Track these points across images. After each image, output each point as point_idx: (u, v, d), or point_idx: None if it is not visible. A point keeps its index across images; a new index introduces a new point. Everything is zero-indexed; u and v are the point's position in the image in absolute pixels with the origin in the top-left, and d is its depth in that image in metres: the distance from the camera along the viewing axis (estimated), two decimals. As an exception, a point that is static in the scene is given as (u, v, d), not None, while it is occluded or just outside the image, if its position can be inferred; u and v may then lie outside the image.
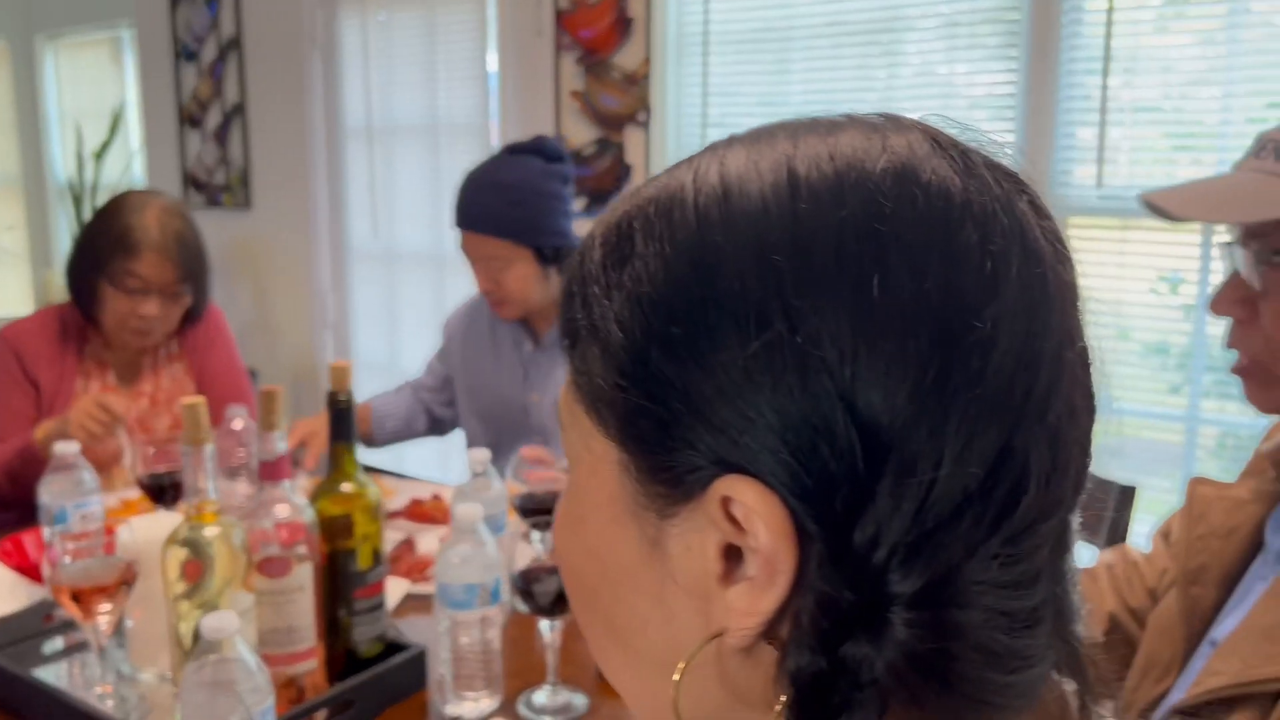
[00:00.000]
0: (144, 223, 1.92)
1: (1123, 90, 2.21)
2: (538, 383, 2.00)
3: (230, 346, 2.18)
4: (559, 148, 1.93)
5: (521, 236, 1.85)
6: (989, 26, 2.33)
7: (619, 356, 0.40)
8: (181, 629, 1.03)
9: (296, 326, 3.73)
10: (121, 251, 1.90)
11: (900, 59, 2.45)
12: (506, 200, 1.84)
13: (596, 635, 0.47)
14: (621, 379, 0.40)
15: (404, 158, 3.35)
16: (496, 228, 1.85)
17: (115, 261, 1.90)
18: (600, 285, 0.41)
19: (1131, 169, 2.26)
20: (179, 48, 3.88)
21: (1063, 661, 0.42)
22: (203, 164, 3.90)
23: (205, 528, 1.04)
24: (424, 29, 3.19)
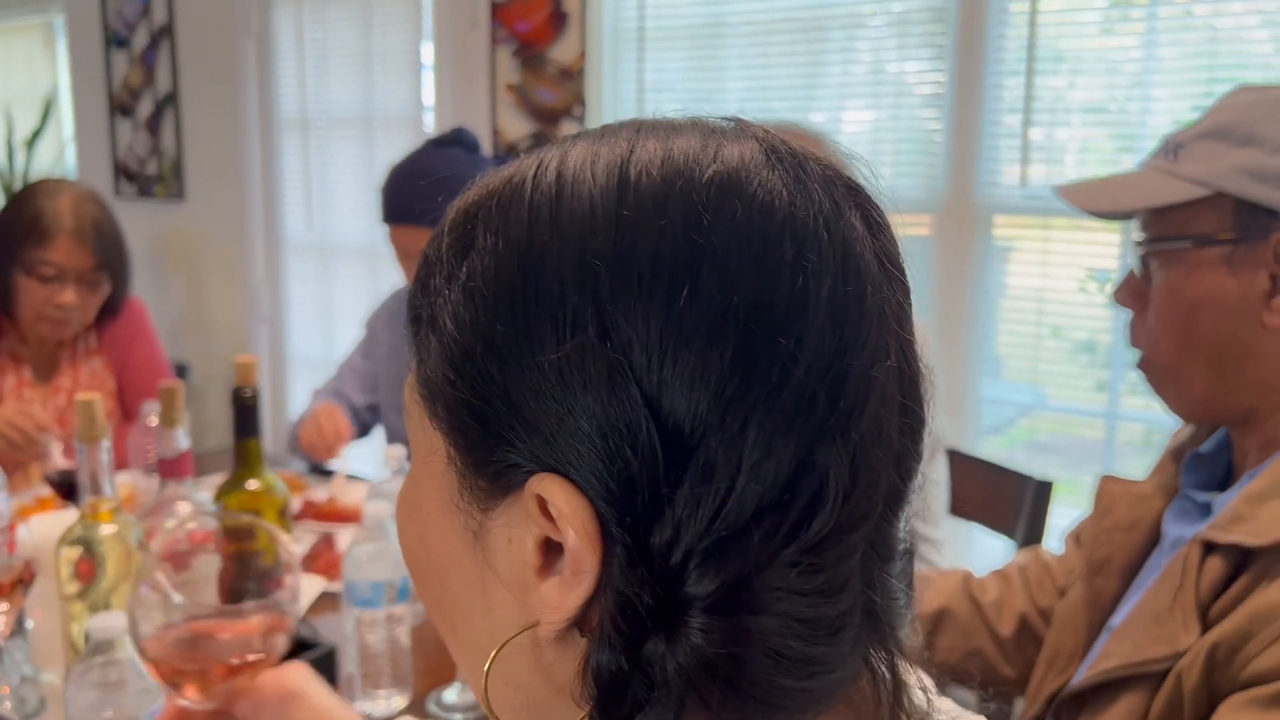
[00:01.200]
0: (57, 208, 1.88)
1: (1050, 89, 2.25)
2: None
3: (152, 340, 2.14)
4: (475, 138, 1.94)
5: None
6: (921, 26, 2.36)
7: (450, 349, 0.40)
8: (74, 629, 1.01)
9: (230, 320, 3.67)
10: (34, 238, 1.86)
11: (835, 55, 2.47)
12: (438, 191, 1.81)
13: (434, 618, 0.47)
14: (450, 373, 0.40)
15: (338, 149, 3.31)
16: (432, 219, 1.82)
17: (28, 249, 1.86)
18: (443, 275, 0.42)
19: (1056, 168, 2.30)
20: (110, 34, 3.80)
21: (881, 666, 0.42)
22: (134, 154, 3.82)
23: (100, 526, 1.02)
24: (359, 19, 3.15)
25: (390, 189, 1.88)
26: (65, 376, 2.01)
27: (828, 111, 2.52)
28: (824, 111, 2.53)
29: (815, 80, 2.51)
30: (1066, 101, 2.26)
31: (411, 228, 1.86)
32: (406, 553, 0.47)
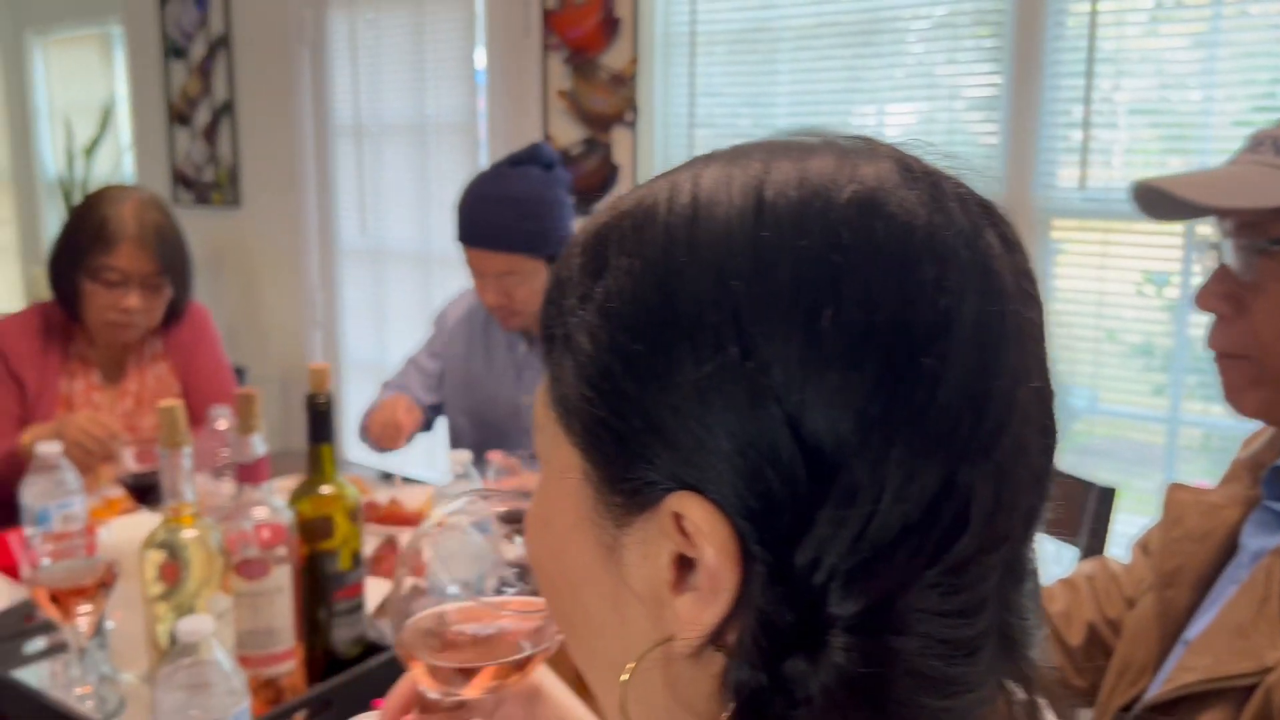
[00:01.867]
0: (120, 215, 1.92)
1: (1108, 92, 2.22)
2: (530, 385, 2.01)
3: (215, 346, 2.18)
4: (553, 154, 1.94)
5: (535, 249, 1.85)
6: (976, 28, 2.33)
7: (587, 368, 0.41)
8: (159, 631, 1.04)
9: (285, 325, 3.73)
10: (99, 245, 1.90)
11: (887, 59, 2.46)
12: (516, 214, 1.84)
13: (565, 633, 0.48)
14: (587, 390, 0.41)
15: (392, 156, 3.35)
16: (510, 243, 1.84)
17: (93, 256, 1.90)
18: (576, 295, 0.42)
19: (1115, 171, 2.27)
20: (168, 44, 3.88)
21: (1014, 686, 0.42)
22: (191, 161, 3.89)
23: (182, 530, 1.04)
24: (412, 27, 3.19)
25: (464, 210, 1.89)
26: (132, 380, 2.05)
27: (877, 115, 2.51)
28: (873, 115, 2.52)
29: (865, 83, 2.50)
30: (1124, 103, 2.22)
31: (485, 251, 1.87)
32: (538, 569, 0.48)
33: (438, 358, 2.14)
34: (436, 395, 2.13)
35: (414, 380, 2.15)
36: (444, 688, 0.60)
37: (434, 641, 0.60)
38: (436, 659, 0.59)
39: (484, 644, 0.60)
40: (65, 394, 1.98)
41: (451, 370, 2.11)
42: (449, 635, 0.60)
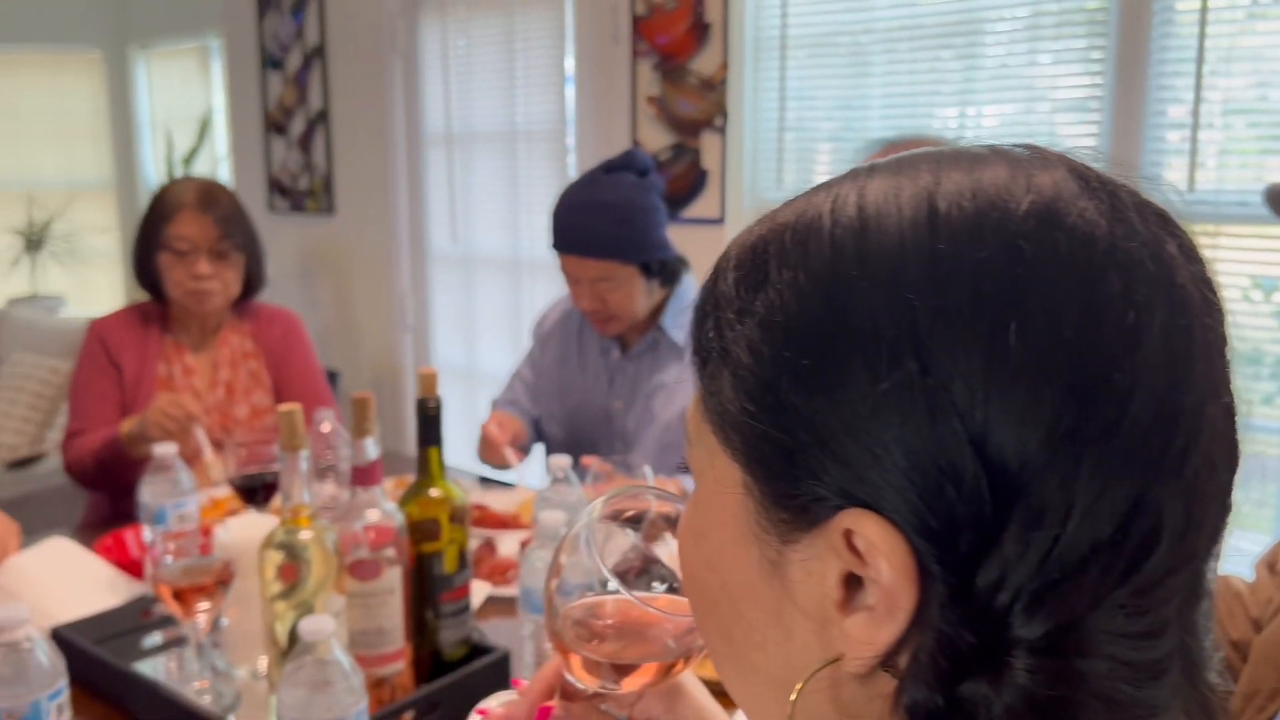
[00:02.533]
0: (179, 190, 2.07)
1: (1214, 91, 2.14)
2: (622, 390, 2.02)
3: (309, 350, 2.25)
4: (648, 160, 1.94)
5: (628, 255, 1.86)
6: (1074, 27, 2.27)
7: (748, 383, 0.41)
8: (277, 629, 1.06)
9: (377, 329, 3.81)
10: (164, 218, 2.03)
11: (980, 60, 2.41)
12: (610, 220, 1.85)
13: (715, 645, 0.48)
14: (750, 405, 0.41)
15: (482, 163, 3.40)
16: (603, 249, 1.86)
17: (162, 230, 2.03)
18: (733, 309, 0.42)
19: (1222, 172, 2.19)
20: (265, 56, 3.99)
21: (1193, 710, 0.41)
22: (287, 170, 4.00)
23: (300, 531, 1.07)
24: (502, 35, 3.23)
25: (559, 217, 1.91)
26: (224, 370, 2.13)
27: (974, 117, 2.46)
28: (970, 117, 2.47)
29: (957, 85, 2.45)
30: (1221, 102, 2.14)
31: (578, 257, 1.88)
32: (691, 580, 0.48)
33: (536, 366, 2.17)
34: (540, 405, 2.15)
35: (520, 392, 2.17)
36: (599, 681, 0.61)
37: (582, 631, 0.60)
38: (595, 653, 0.60)
39: (631, 639, 0.60)
40: (164, 376, 2.06)
41: (546, 375, 2.13)
42: (596, 626, 0.60)
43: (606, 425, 2.06)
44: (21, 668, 0.96)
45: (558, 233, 1.91)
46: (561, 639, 0.60)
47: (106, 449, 1.91)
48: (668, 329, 1.98)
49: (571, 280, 1.93)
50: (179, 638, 1.41)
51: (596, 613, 0.61)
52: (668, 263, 1.93)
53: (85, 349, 2.07)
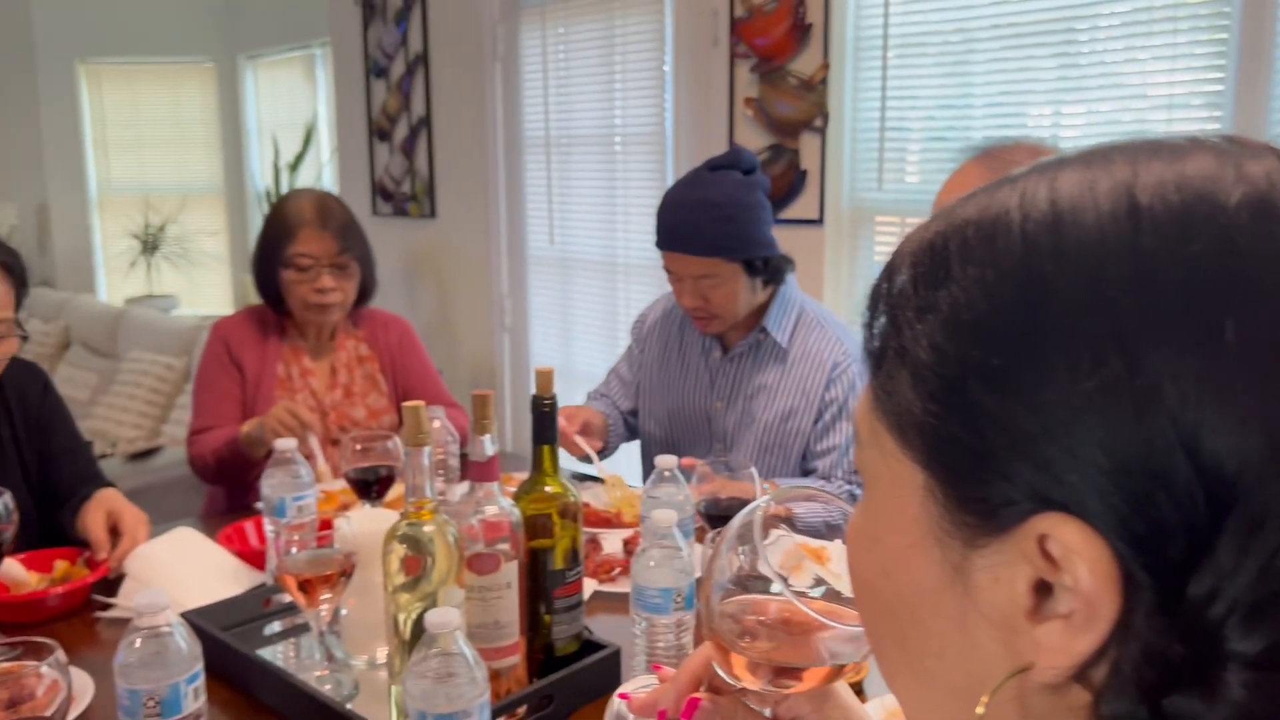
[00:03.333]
0: (300, 206, 2.12)
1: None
2: (723, 391, 2.02)
3: (423, 354, 2.32)
4: (753, 158, 1.94)
5: (732, 252, 1.86)
6: (1188, 22, 2.19)
7: (931, 383, 0.40)
8: (400, 620, 1.09)
9: (475, 330, 3.88)
10: (285, 237, 2.09)
11: (1087, 58, 2.33)
12: (713, 217, 1.85)
13: (886, 652, 0.47)
14: (933, 405, 0.40)
15: (580, 167, 3.43)
16: (706, 246, 1.86)
17: (285, 247, 2.09)
18: (911, 308, 0.41)
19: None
20: (370, 64, 4.10)
21: None
22: (390, 175, 4.10)
23: (424, 525, 1.09)
24: (602, 40, 3.26)
25: (663, 215, 1.92)
26: (341, 374, 2.19)
27: (1083, 117, 2.38)
28: (1079, 117, 2.39)
29: (1069, 84, 2.38)
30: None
31: (682, 255, 1.89)
32: (861, 585, 0.47)
33: (635, 364, 2.18)
34: (635, 401, 2.16)
35: (614, 387, 2.19)
36: (760, 682, 0.60)
37: (740, 629, 0.60)
38: (754, 652, 0.59)
39: (790, 641, 0.60)
40: (283, 378, 2.13)
41: (646, 374, 2.14)
42: (753, 625, 0.60)
43: (705, 425, 2.06)
44: (162, 652, 1.00)
45: (661, 230, 1.92)
46: (719, 635, 0.60)
47: (227, 448, 1.99)
48: (771, 330, 1.97)
49: (674, 278, 1.93)
50: (297, 626, 1.46)
51: (754, 611, 0.60)
52: (771, 261, 1.92)
53: (209, 349, 2.15)
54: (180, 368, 4.26)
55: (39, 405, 1.78)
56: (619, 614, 1.49)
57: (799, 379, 1.96)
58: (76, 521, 1.66)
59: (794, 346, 1.98)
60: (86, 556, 1.60)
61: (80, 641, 1.43)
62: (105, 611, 1.50)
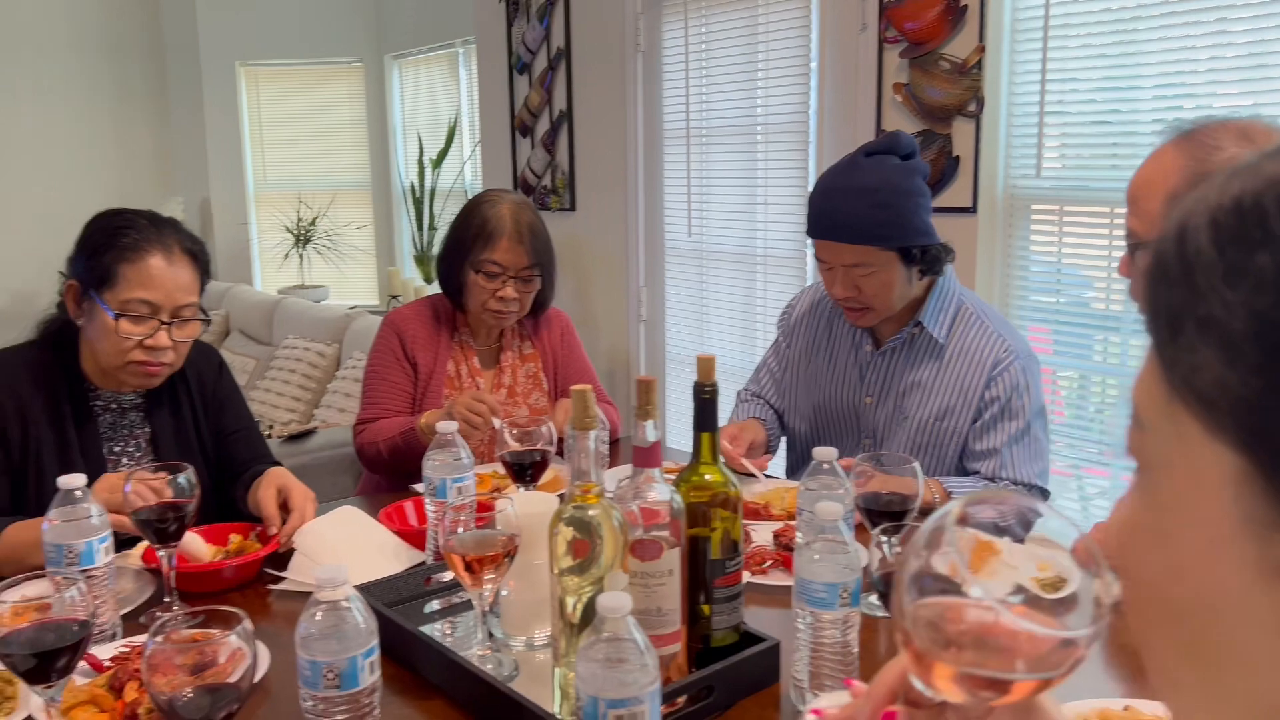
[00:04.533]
0: (499, 214, 2.13)
1: None
2: (873, 387, 1.96)
3: (581, 349, 2.36)
4: (912, 142, 1.87)
5: (887, 239, 1.80)
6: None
7: (1252, 356, 0.36)
8: (568, 603, 1.09)
9: (612, 322, 3.90)
10: (481, 241, 2.11)
11: (1267, 34, 2.17)
12: (869, 204, 1.79)
13: (1169, 665, 0.43)
14: (1256, 380, 0.36)
15: (720, 158, 3.41)
16: (860, 233, 1.80)
17: (477, 251, 2.11)
18: (1216, 273, 0.37)
19: None
20: (513, 61, 4.18)
21: None
22: (531, 169, 4.17)
23: (590, 509, 1.09)
24: (745, 30, 3.22)
25: (815, 202, 1.86)
26: (506, 373, 2.24)
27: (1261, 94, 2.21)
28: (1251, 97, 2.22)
29: (1247, 62, 2.21)
30: None
31: (834, 242, 1.83)
32: (1144, 590, 0.43)
33: (783, 357, 2.14)
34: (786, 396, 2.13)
35: (766, 385, 2.15)
36: (964, 695, 0.57)
37: (938, 637, 0.57)
38: (957, 663, 0.56)
39: (991, 650, 0.56)
40: (452, 375, 2.19)
41: (792, 367, 2.10)
42: (952, 633, 0.56)
43: (853, 421, 2.01)
44: (340, 625, 1.03)
45: (813, 217, 1.87)
46: (918, 646, 0.57)
47: (402, 438, 2.04)
48: (927, 324, 1.90)
49: (825, 267, 1.88)
50: (455, 606, 1.49)
51: (951, 618, 0.56)
52: (930, 250, 1.85)
53: (381, 341, 2.20)
54: (331, 355, 4.44)
55: (215, 385, 1.87)
56: (770, 606, 1.47)
57: (956, 377, 1.89)
58: (248, 497, 1.74)
59: (951, 342, 1.90)
60: (258, 531, 1.67)
61: (253, 612, 1.48)
62: (276, 584, 1.56)
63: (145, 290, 1.63)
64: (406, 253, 6.15)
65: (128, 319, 1.62)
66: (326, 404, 4.19)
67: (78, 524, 1.30)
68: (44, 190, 6.11)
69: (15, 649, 1.03)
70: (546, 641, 1.36)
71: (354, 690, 1.01)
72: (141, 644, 1.29)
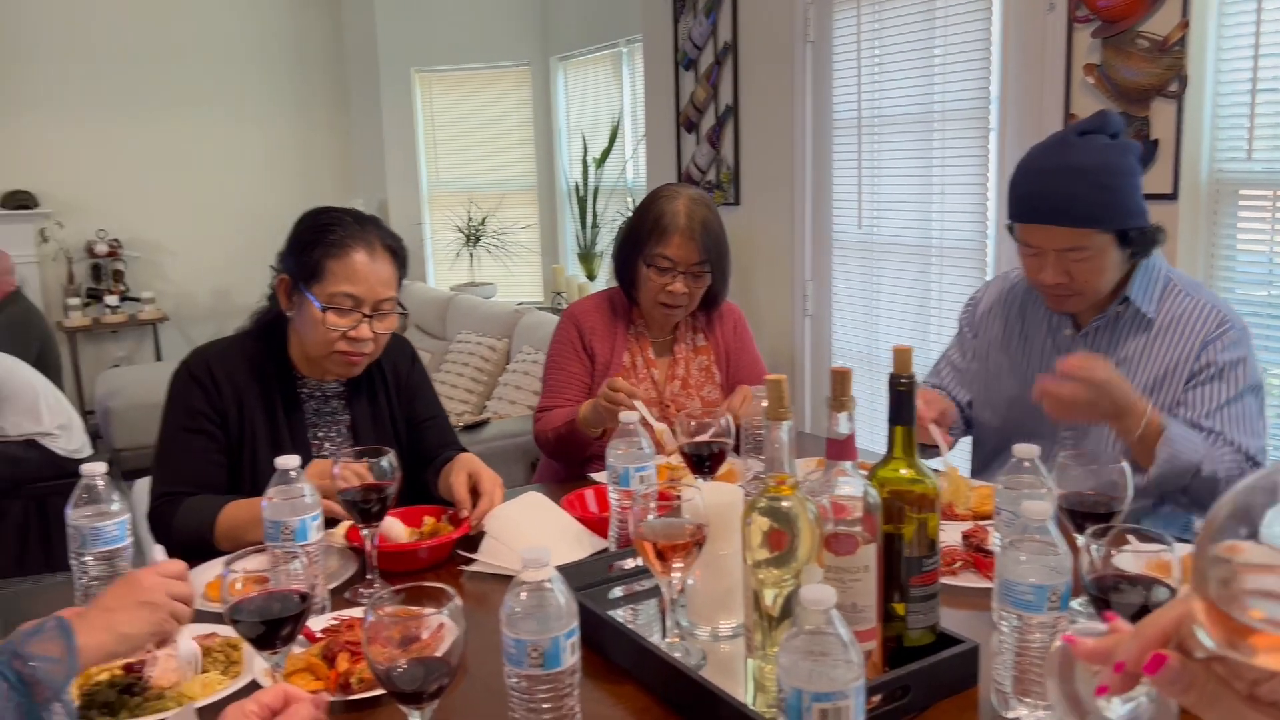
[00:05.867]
0: (675, 210, 2.14)
1: None
2: None
3: (752, 343, 2.35)
4: (1120, 122, 1.77)
5: (1107, 222, 1.71)
6: None
7: None
8: (765, 595, 1.08)
9: (777, 316, 3.87)
10: (655, 236, 2.13)
11: None
12: (1087, 185, 1.70)
13: None
14: None
15: (893, 147, 3.32)
16: (1079, 216, 1.71)
17: (650, 245, 2.13)
18: None
19: None
20: (680, 57, 4.19)
21: None
22: (696, 164, 4.18)
23: (784, 500, 1.08)
24: (922, 15, 3.13)
25: (1022, 184, 1.78)
26: (680, 365, 2.25)
27: None
28: None
29: None
30: None
31: (1047, 226, 1.74)
32: None
33: (968, 351, 2.07)
34: (971, 390, 2.05)
35: (948, 377, 2.09)
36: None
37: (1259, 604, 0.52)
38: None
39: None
40: (628, 366, 2.22)
41: (980, 360, 2.02)
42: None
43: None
44: (543, 605, 1.06)
45: (1021, 201, 1.77)
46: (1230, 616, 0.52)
47: (566, 427, 2.10)
48: (1135, 300, 1.79)
49: (1032, 253, 1.79)
50: (638, 593, 1.50)
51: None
52: (1147, 232, 1.75)
53: (561, 332, 2.26)
54: (501, 349, 4.58)
55: (408, 375, 1.96)
56: (960, 608, 1.42)
57: (1167, 347, 1.77)
58: (439, 481, 1.81)
59: (1161, 314, 1.79)
60: (450, 514, 1.74)
61: (447, 592, 1.55)
62: (468, 566, 1.62)
63: (349, 284, 1.72)
64: (570, 250, 6.29)
65: (334, 311, 1.72)
66: (498, 396, 4.32)
67: (292, 502, 1.38)
68: (237, 195, 6.57)
69: (244, 616, 1.10)
70: (731, 633, 1.36)
71: (557, 670, 1.03)
72: (349, 618, 1.37)
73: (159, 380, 1.82)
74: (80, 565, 1.37)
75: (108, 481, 1.38)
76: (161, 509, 1.67)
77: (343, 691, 1.20)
